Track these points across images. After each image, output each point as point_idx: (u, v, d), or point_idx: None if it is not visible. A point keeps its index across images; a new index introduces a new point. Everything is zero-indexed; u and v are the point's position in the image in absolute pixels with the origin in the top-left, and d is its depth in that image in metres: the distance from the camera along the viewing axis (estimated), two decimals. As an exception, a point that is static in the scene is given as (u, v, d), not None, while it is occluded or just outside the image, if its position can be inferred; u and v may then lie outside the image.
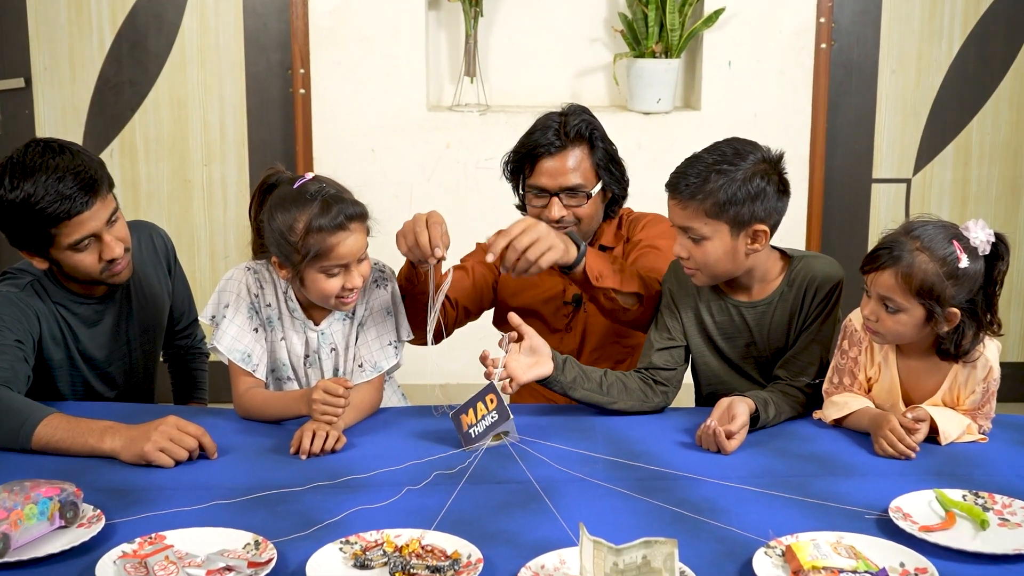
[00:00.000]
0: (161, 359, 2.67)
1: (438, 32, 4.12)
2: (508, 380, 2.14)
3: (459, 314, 2.56)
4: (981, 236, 2.01)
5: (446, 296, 2.29)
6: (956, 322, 2.04)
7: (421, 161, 4.02)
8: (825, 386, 2.24)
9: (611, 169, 2.51)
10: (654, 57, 3.93)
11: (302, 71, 3.96)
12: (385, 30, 3.93)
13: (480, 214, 3.93)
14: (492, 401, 2.06)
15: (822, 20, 3.96)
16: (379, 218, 2.22)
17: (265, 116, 4.11)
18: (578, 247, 2.25)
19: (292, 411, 2.18)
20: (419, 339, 2.30)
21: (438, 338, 2.24)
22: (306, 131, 4.00)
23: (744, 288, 2.32)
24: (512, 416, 2.08)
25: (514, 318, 2.21)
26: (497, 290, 2.62)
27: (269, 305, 2.25)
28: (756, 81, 4.00)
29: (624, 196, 2.58)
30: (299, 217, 2.09)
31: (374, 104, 3.98)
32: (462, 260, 2.62)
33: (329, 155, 4.00)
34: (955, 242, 2.01)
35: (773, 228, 2.23)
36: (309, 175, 2.17)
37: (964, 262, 1.99)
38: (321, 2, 3.92)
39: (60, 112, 4.08)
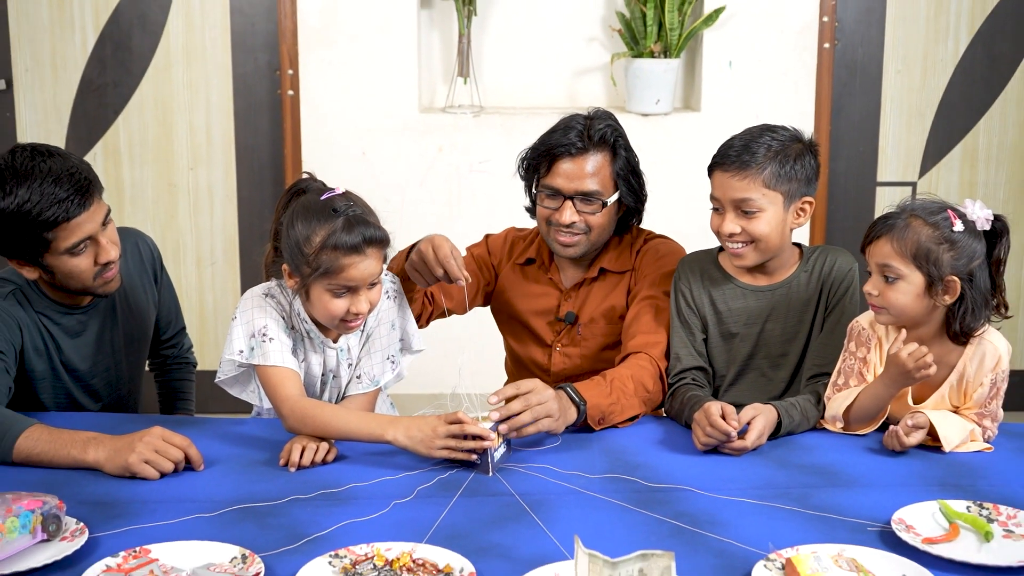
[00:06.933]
0: (147, 369, 2.68)
1: (430, 31, 4.14)
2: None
3: (437, 312, 2.58)
4: (979, 213, 2.08)
5: (427, 295, 2.52)
6: (956, 291, 2.08)
7: (413, 164, 4.03)
8: (828, 391, 2.26)
9: (630, 180, 2.49)
10: (652, 57, 3.95)
11: (290, 72, 3.98)
12: (375, 29, 3.95)
13: (474, 219, 3.94)
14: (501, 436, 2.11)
15: (825, 19, 3.99)
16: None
17: (252, 118, 4.12)
18: (578, 408, 2.21)
19: (375, 435, 2.10)
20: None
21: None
22: (295, 134, 4.02)
23: (763, 274, 2.37)
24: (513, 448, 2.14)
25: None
26: (495, 292, 2.64)
27: (293, 327, 2.26)
28: (758, 81, 4.02)
29: (639, 211, 2.56)
30: (318, 230, 2.10)
31: (364, 106, 4.00)
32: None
33: (318, 158, 4.01)
34: (949, 211, 2.09)
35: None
36: (339, 189, 2.17)
37: (958, 226, 2.06)
38: (310, 0, 3.94)
39: (42, 115, 4.09)
